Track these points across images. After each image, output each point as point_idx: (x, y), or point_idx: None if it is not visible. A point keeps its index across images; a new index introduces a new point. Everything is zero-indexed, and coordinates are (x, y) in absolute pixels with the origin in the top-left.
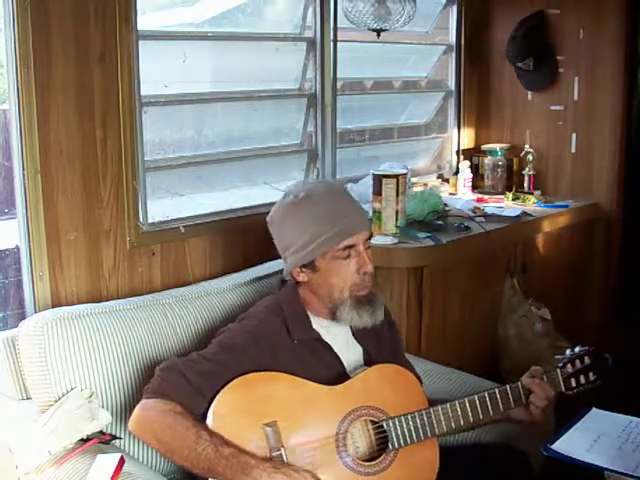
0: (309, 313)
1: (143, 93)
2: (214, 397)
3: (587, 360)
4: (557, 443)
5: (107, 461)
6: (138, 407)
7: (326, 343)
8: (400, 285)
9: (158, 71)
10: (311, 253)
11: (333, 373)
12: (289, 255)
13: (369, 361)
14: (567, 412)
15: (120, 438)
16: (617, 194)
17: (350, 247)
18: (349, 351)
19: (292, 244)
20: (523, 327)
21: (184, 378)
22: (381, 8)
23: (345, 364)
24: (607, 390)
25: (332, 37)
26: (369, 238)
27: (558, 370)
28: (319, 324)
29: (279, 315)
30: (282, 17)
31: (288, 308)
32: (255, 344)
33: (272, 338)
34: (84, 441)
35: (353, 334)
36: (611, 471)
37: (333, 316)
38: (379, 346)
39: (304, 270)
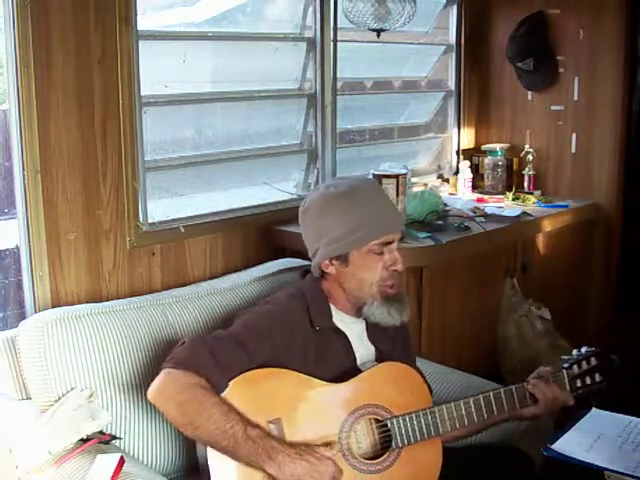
0: (331, 306)
1: (143, 93)
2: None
3: (593, 361)
4: (557, 443)
5: (107, 461)
6: (162, 377)
7: (344, 335)
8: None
9: (158, 71)
10: (348, 245)
11: (346, 366)
12: (322, 246)
13: (380, 360)
14: (567, 412)
15: (120, 438)
16: (617, 194)
17: (386, 244)
18: (362, 347)
19: (328, 235)
20: (523, 327)
21: (211, 355)
22: (381, 8)
23: (358, 359)
24: (607, 390)
25: (332, 37)
26: (401, 239)
27: (564, 371)
28: (339, 318)
29: (302, 303)
30: (282, 17)
31: (311, 296)
32: (279, 331)
33: (294, 326)
34: (84, 441)
35: (367, 333)
36: (611, 471)
37: (358, 311)
38: (391, 346)
39: (334, 262)
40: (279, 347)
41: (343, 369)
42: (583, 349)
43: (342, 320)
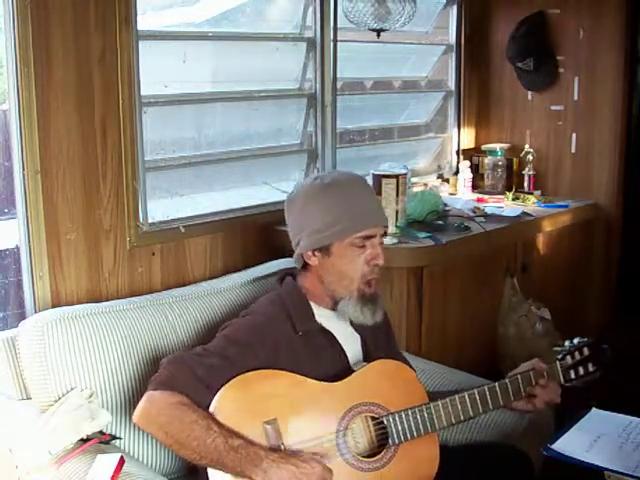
0: (312, 303)
1: (143, 93)
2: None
3: (586, 351)
4: (557, 443)
5: (107, 461)
6: (144, 399)
7: (329, 333)
8: (400, 285)
9: (158, 71)
10: (330, 237)
11: (337, 364)
12: (304, 237)
13: (366, 350)
14: (567, 412)
15: (120, 438)
16: (617, 194)
17: (368, 237)
18: (349, 340)
19: (311, 225)
20: (523, 327)
21: (191, 371)
22: (381, 8)
23: (348, 354)
24: (607, 389)
25: (332, 37)
26: (384, 234)
27: (557, 363)
28: (321, 314)
29: (283, 309)
30: (282, 17)
31: (291, 300)
32: (260, 340)
33: (276, 333)
34: (84, 441)
35: (351, 323)
36: (611, 471)
37: (334, 306)
38: (375, 337)
39: (317, 254)
40: (265, 357)
41: (336, 369)
42: (575, 340)
43: (325, 316)
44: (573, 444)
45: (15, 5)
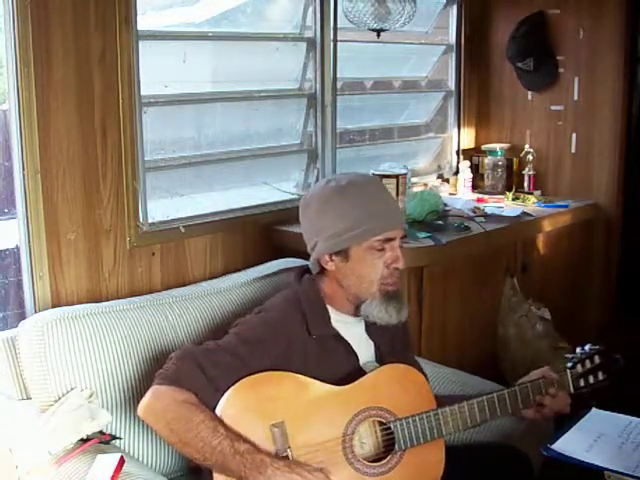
0: (329, 308)
1: (143, 93)
2: (227, 390)
3: (597, 360)
4: (557, 443)
5: (107, 461)
6: (150, 393)
7: (344, 339)
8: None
9: (158, 71)
10: (348, 240)
11: (349, 369)
12: (321, 240)
13: (380, 357)
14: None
15: (120, 438)
16: (617, 194)
17: (388, 240)
18: (362, 346)
19: (328, 229)
20: (523, 327)
21: (200, 368)
22: (381, 8)
23: (360, 359)
24: (607, 389)
25: (332, 37)
26: (403, 237)
27: (568, 372)
28: (337, 319)
29: (298, 309)
30: (282, 17)
31: (307, 302)
32: (273, 338)
33: (290, 333)
34: (84, 441)
35: (366, 330)
36: (611, 471)
37: (356, 310)
38: (391, 343)
39: (334, 258)
40: (276, 355)
41: (346, 371)
42: (587, 347)
43: (342, 321)
44: (573, 444)
45: (15, 5)
